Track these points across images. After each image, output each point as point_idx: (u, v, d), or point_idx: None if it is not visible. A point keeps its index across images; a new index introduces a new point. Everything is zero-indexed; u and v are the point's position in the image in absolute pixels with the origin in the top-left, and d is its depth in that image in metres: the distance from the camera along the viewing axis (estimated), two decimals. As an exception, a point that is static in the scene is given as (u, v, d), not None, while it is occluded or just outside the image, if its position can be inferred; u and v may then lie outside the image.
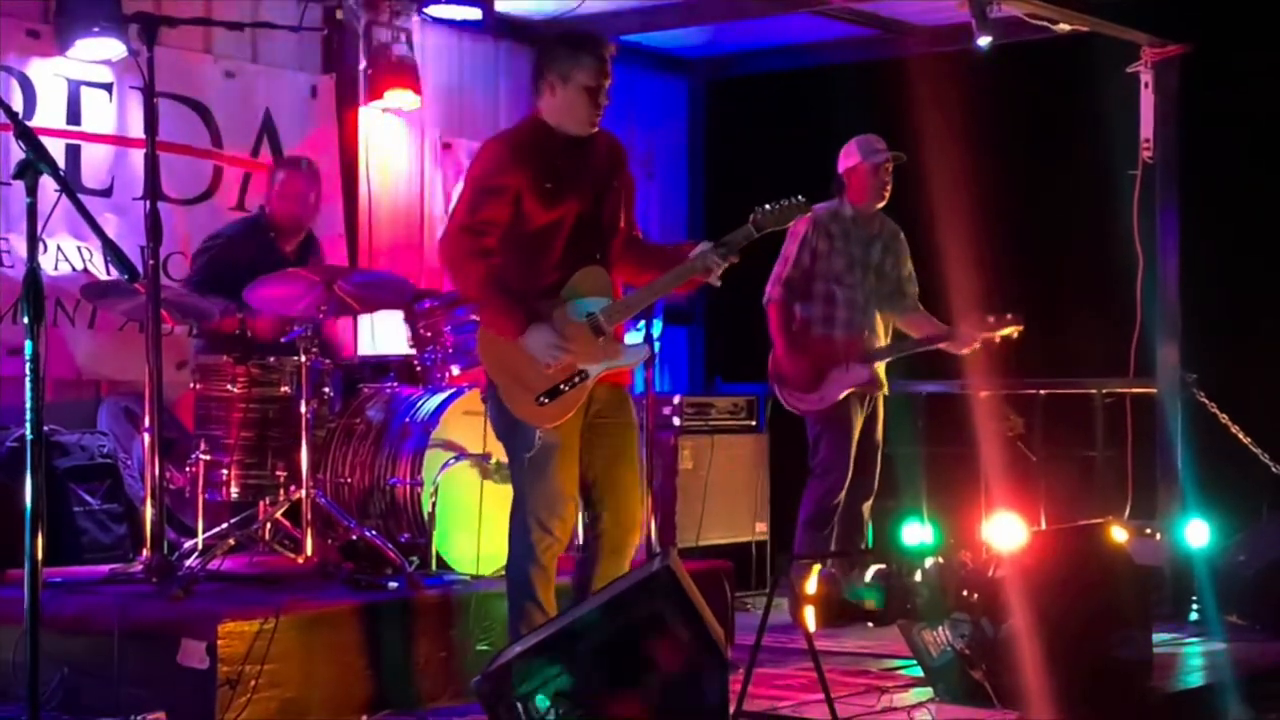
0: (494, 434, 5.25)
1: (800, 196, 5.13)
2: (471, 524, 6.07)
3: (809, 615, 6.29)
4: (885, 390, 7.22)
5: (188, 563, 5.70)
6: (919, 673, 5.63)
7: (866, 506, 7.21)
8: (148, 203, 5.73)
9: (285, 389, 6.10)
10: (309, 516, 5.89)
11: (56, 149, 6.93)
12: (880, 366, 7.15)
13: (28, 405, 3.85)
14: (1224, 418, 7.77)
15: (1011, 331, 7.00)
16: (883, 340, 7.19)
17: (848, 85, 8.65)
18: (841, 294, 7.09)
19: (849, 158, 7.13)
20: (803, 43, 9.12)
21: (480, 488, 6.06)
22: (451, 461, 5.99)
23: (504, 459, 5.95)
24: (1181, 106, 7.77)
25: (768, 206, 5.05)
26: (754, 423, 8.32)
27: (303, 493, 5.88)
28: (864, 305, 7.12)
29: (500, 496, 6.06)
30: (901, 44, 8.78)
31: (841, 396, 7.03)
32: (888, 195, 7.14)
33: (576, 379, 4.98)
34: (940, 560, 5.45)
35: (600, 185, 5.08)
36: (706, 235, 9.04)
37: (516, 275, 4.98)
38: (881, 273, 7.20)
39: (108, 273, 6.96)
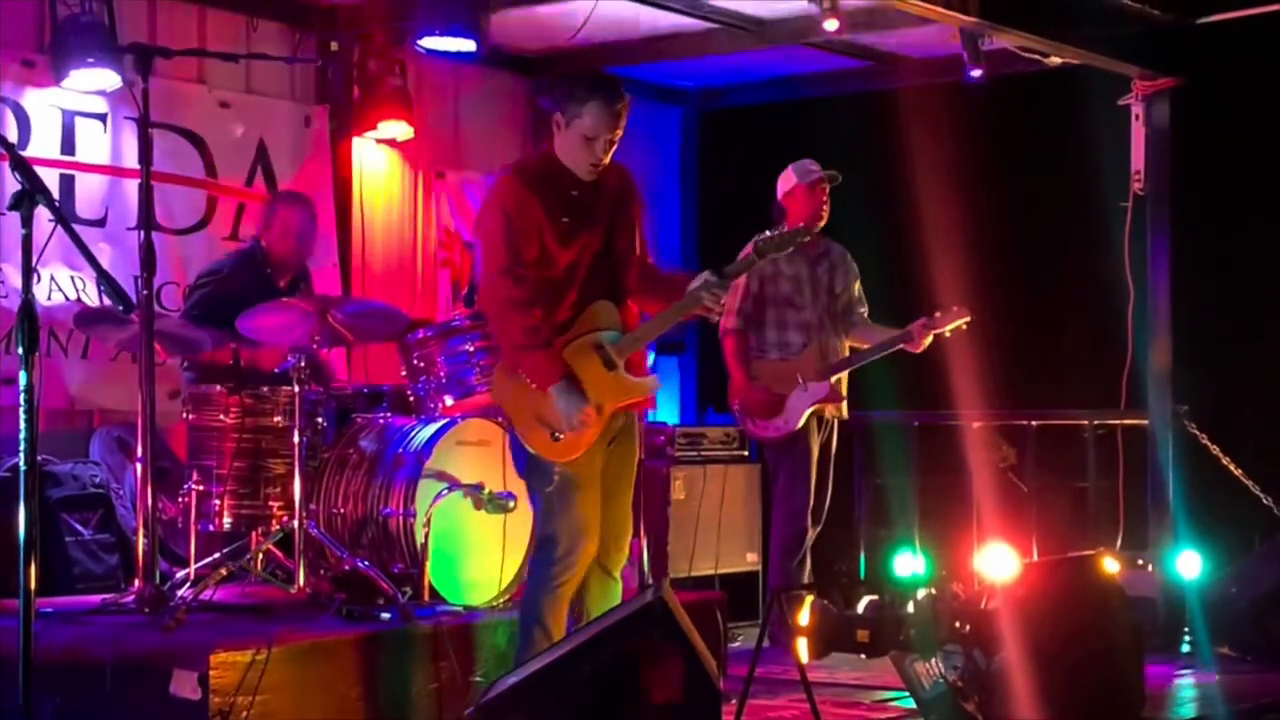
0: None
1: (801, 224, 5.22)
2: (464, 555, 6.06)
3: (801, 646, 6.28)
4: (844, 410, 7.18)
5: (180, 593, 5.69)
6: (911, 704, 5.62)
7: (812, 533, 7.20)
8: (142, 233, 5.74)
9: (278, 419, 6.10)
10: (301, 547, 5.89)
11: (51, 179, 6.94)
12: (840, 381, 7.13)
13: (21, 435, 3.85)
14: (1215, 449, 7.78)
15: (961, 324, 6.99)
16: (842, 355, 7.19)
17: (841, 117, 8.68)
18: (794, 317, 7.12)
19: (786, 182, 7.17)
20: (796, 74, 9.16)
21: (473, 518, 6.05)
22: (445, 492, 5.98)
23: (497, 490, 5.99)
24: (1172, 139, 7.80)
25: (769, 233, 5.16)
26: (746, 453, 8.31)
27: (295, 523, 5.88)
28: (819, 325, 7.14)
29: (493, 527, 6.07)
30: (894, 76, 8.82)
31: (804, 419, 7.03)
32: (826, 215, 7.12)
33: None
34: (932, 591, 5.45)
35: (612, 217, 5.11)
36: (700, 266, 9.14)
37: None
38: (833, 292, 7.22)
39: (101, 303, 6.97)
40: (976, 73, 7.52)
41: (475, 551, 6.08)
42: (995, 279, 8.03)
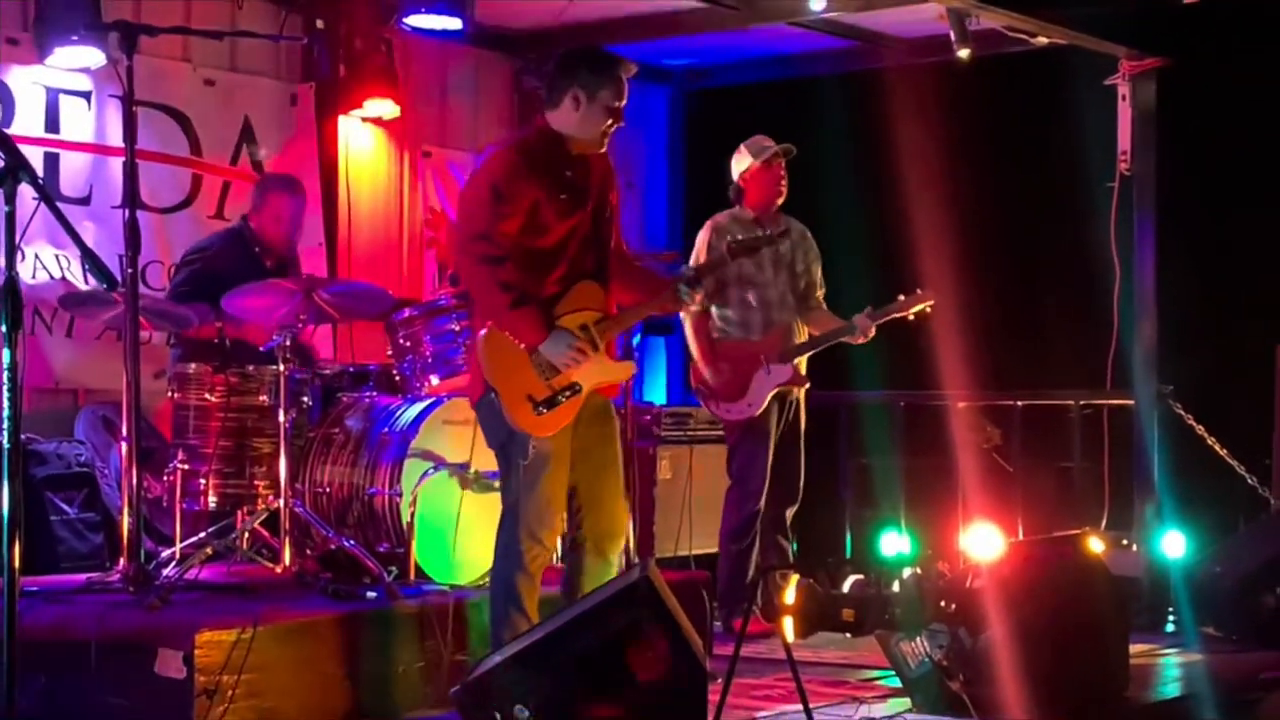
0: (485, 441, 5.28)
1: (769, 231, 5.90)
2: (450, 533, 6.06)
3: (787, 625, 6.29)
4: (805, 388, 7.12)
5: (165, 572, 5.68)
6: (897, 683, 5.64)
7: (790, 512, 7.16)
8: (126, 211, 5.72)
9: (264, 398, 6.09)
10: (287, 526, 5.89)
11: (35, 157, 6.91)
12: (801, 362, 7.09)
13: (5, 413, 3.84)
14: (1200, 429, 7.80)
15: (925, 307, 6.96)
16: (802, 337, 7.13)
17: (828, 96, 8.68)
18: (755, 296, 7.04)
19: (740, 162, 7.09)
20: (783, 54, 9.15)
21: (459, 497, 6.05)
22: (430, 471, 5.98)
23: (483, 469, 5.99)
24: (1158, 119, 7.81)
25: (740, 236, 5.49)
26: (732, 433, 8.30)
27: (281, 502, 5.88)
28: (779, 303, 7.06)
29: (479, 506, 6.07)
30: (881, 56, 8.81)
31: (766, 402, 6.99)
32: (784, 190, 7.07)
33: (568, 391, 5.06)
34: (918, 571, 5.45)
35: (599, 200, 5.18)
36: (685, 245, 9.15)
37: (527, 287, 5.04)
38: (794, 270, 7.16)
39: (86, 281, 6.95)
40: (963, 52, 7.52)
41: (461, 530, 6.08)
42: (981, 259, 8.04)
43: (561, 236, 5.06)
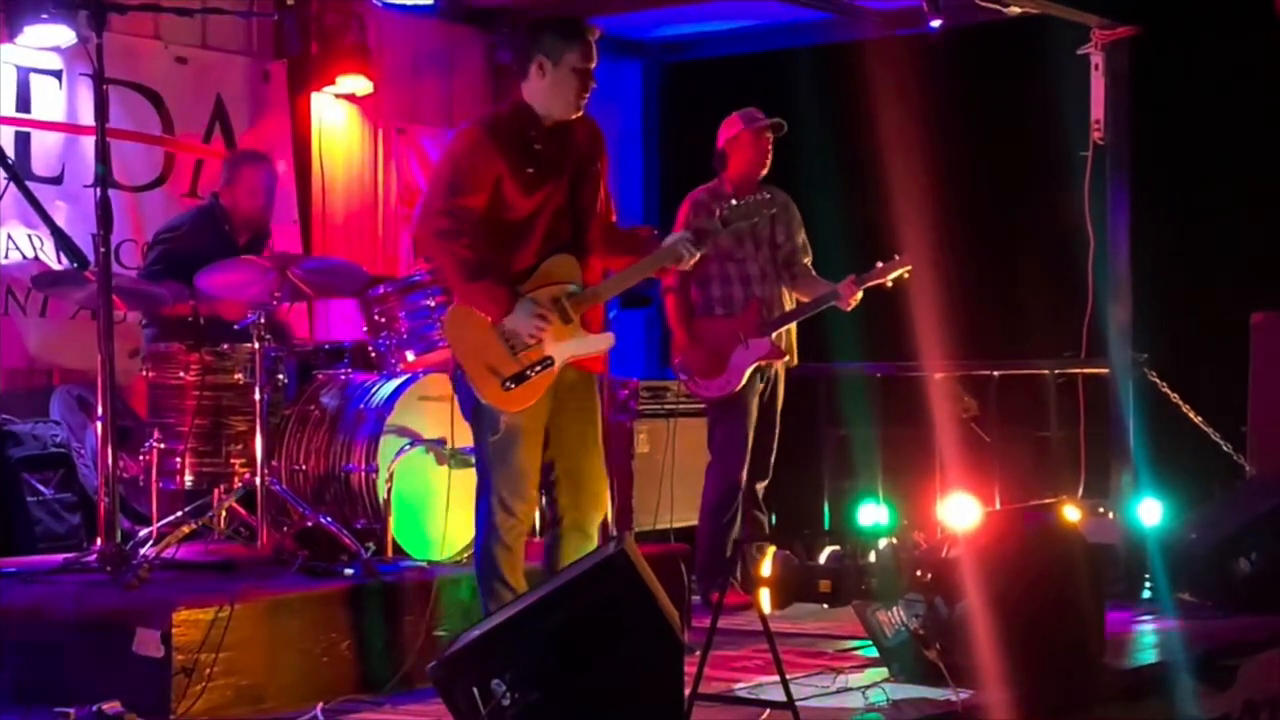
0: (460, 415, 5.27)
1: (766, 194, 5.70)
2: (427, 510, 6.07)
3: (764, 597, 6.30)
4: (793, 360, 7.11)
5: (142, 551, 5.68)
6: (874, 653, 5.66)
7: (761, 486, 7.15)
8: (98, 190, 5.70)
9: (239, 376, 6.08)
10: (264, 504, 5.88)
11: (6, 137, 6.90)
12: (785, 335, 7.06)
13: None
14: (1175, 397, 7.83)
15: (903, 273, 6.95)
16: (789, 307, 7.11)
17: (802, 69, 8.66)
18: (735, 271, 7.01)
19: (730, 128, 7.07)
20: (758, 27, 9.13)
21: (435, 473, 6.06)
22: (407, 447, 5.98)
23: (459, 445, 5.99)
24: (1131, 88, 7.81)
25: (734, 202, 5.39)
26: (710, 406, 8.31)
27: (257, 480, 5.87)
28: (760, 278, 7.04)
29: (456, 482, 6.07)
30: (856, 27, 8.79)
31: (745, 378, 6.98)
32: (768, 163, 7.05)
33: (540, 366, 5.04)
34: (895, 541, 5.47)
35: (580, 170, 5.15)
36: (660, 221, 9.15)
37: (491, 261, 5.02)
38: (775, 243, 7.13)
39: (59, 261, 6.92)
40: (936, 23, 7.50)
41: (438, 507, 6.09)
42: (956, 230, 8.04)
43: (530, 211, 5.03)
